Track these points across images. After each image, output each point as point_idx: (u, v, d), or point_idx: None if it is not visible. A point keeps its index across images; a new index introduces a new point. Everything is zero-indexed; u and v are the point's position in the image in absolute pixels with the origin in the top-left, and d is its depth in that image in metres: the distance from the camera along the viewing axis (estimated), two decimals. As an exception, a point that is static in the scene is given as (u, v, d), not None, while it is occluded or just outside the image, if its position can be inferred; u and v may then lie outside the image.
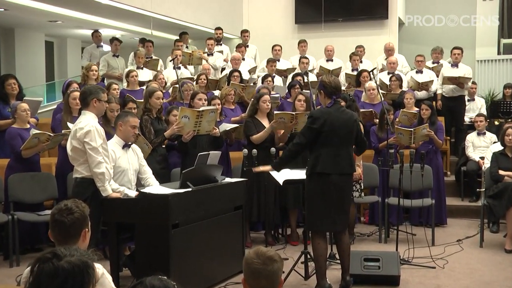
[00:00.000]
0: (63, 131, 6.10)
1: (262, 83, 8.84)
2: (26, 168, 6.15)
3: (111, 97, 6.23)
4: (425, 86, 9.28)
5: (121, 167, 5.04)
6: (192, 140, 6.05)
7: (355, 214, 6.93)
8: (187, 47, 11.06)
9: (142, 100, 6.65)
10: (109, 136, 5.15)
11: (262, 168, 5.04)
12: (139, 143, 5.56)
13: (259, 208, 6.39)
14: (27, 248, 6.20)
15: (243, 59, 10.36)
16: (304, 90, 7.75)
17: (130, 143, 5.17)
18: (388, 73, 9.51)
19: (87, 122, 4.56)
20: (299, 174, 5.23)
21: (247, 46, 11.28)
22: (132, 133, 5.11)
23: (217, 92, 8.66)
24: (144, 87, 8.11)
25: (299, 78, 8.76)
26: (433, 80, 9.37)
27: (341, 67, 10.31)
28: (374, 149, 7.47)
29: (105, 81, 9.51)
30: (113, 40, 10.10)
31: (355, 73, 9.56)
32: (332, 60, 10.68)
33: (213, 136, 6.19)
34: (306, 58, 10.22)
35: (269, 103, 6.52)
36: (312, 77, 9.83)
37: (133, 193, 4.83)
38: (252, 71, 10.28)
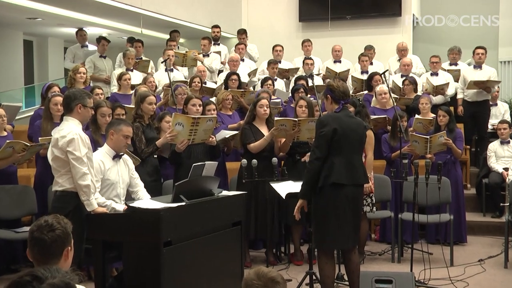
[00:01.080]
0: (40, 139, 6.09)
1: (262, 86, 8.86)
2: (1, 181, 6.14)
3: (102, 100, 6.23)
4: (440, 89, 9.30)
5: (110, 179, 5.05)
6: (187, 150, 6.06)
7: (366, 231, 6.92)
8: (178, 47, 11.08)
9: (132, 106, 6.67)
10: (99, 146, 5.17)
11: (297, 209, 4.90)
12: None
13: (256, 224, 6.38)
14: (3, 268, 6.18)
15: (242, 60, 10.38)
16: (309, 95, 7.76)
17: (121, 153, 5.18)
18: (402, 76, 9.54)
19: (70, 130, 4.56)
20: (295, 186, 5.23)
21: (247, 45, 11.31)
22: (124, 143, 5.13)
23: (213, 99, 8.66)
24: (133, 91, 8.13)
25: (302, 81, 8.78)
26: (448, 83, 9.38)
27: (349, 69, 10.34)
28: (386, 159, 7.47)
29: (91, 84, 9.53)
30: (101, 40, 10.12)
31: (364, 76, 9.58)
32: (340, 62, 10.72)
33: (209, 145, 6.20)
34: (311, 59, 10.25)
35: (267, 108, 6.53)
36: (318, 80, 9.86)
37: (121, 208, 4.83)
38: (252, 73, 10.30)
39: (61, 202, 4.59)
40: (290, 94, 8.49)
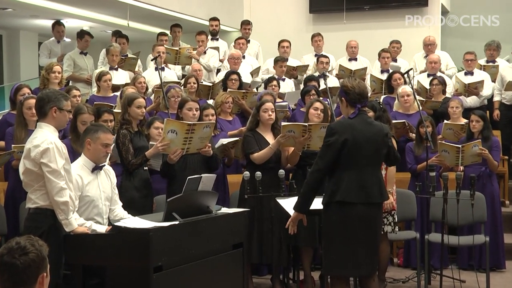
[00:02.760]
0: (13, 146, 6.10)
1: (266, 88, 8.87)
2: (-34, 196, 6.16)
3: (84, 105, 6.23)
4: (473, 89, 9.28)
5: (89, 196, 5.04)
6: (181, 161, 6.06)
7: (388, 254, 6.91)
8: (180, 45, 11.06)
9: (118, 110, 6.67)
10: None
11: (290, 222, 5.07)
12: None
13: (261, 246, 6.36)
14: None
15: (243, 57, 10.41)
16: (321, 99, 7.78)
17: (101, 165, 5.18)
18: (428, 75, 9.55)
19: (44, 138, 4.56)
20: (314, 203, 5.22)
21: (249, 41, 11.34)
22: (103, 153, 5.12)
23: (210, 101, 8.68)
24: (118, 93, 8.14)
25: (314, 83, 8.78)
26: (483, 81, 9.36)
27: (366, 67, 10.36)
28: (410, 172, 7.46)
29: (70, 83, 9.56)
30: (84, 35, 10.14)
31: (385, 75, 9.59)
32: (356, 59, 10.74)
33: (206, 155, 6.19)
34: (326, 56, 10.26)
35: (273, 112, 6.53)
36: (332, 81, 9.86)
37: (102, 229, 4.83)
38: (254, 72, 10.33)
39: (35, 221, 4.57)
40: (300, 97, 8.48)
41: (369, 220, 4.71)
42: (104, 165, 5.24)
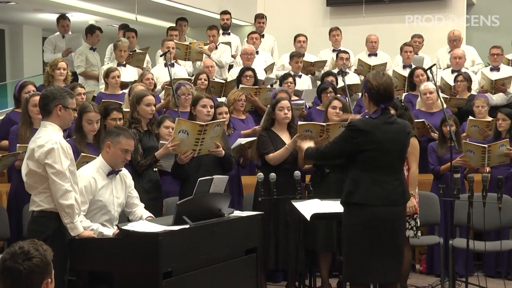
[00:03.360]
0: (18, 146, 6.12)
1: (281, 84, 8.86)
2: (-33, 199, 6.19)
3: (90, 104, 6.24)
4: (500, 85, 9.23)
5: (101, 201, 5.05)
6: (195, 161, 6.07)
7: (410, 260, 6.88)
8: (185, 39, 11.10)
9: (126, 109, 6.66)
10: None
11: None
12: None
13: (276, 251, 6.36)
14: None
15: (257, 52, 10.40)
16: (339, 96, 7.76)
17: (117, 169, 5.20)
18: (453, 71, 9.51)
19: (49, 138, 4.56)
20: (332, 206, 5.22)
21: (263, 35, 11.33)
22: (122, 159, 5.14)
23: (223, 99, 8.68)
24: (126, 91, 8.15)
25: (331, 79, 8.76)
26: (510, 77, 9.30)
27: (386, 63, 10.33)
28: (433, 173, 7.43)
29: (82, 80, 9.59)
30: (94, 30, 10.16)
31: (407, 71, 9.56)
32: (375, 55, 10.71)
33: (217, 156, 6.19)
34: (346, 52, 10.22)
35: (289, 111, 6.52)
36: (352, 78, 9.84)
37: (110, 232, 4.84)
38: (269, 69, 10.32)
39: (39, 224, 4.58)
40: (316, 94, 8.47)
41: (392, 222, 4.70)
42: (121, 170, 5.26)
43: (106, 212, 5.08)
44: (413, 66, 9.53)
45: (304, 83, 9.83)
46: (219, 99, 8.67)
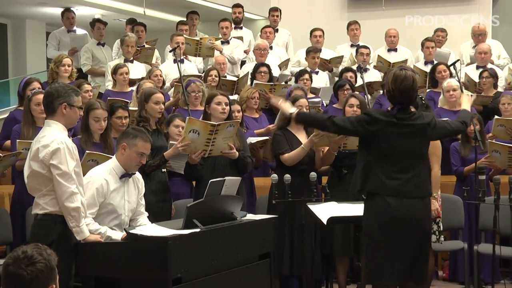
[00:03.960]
0: (18, 141, 6.12)
1: (297, 81, 8.85)
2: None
3: (96, 101, 6.26)
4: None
5: (112, 204, 5.05)
6: (209, 162, 6.09)
7: (432, 266, 6.86)
8: (196, 34, 11.09)
9: (134, 108, 6.68)
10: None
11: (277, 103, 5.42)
12: None
13: (291, 256, 6.36)
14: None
15: (271, 47, 10.38)
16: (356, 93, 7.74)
17: (131, 173, 5.21)
18: (478, 67, 9.47)
19: (54, 137, 4.57)
20: (350, 209, 5.21)
21: (277, 30, 11.32)
22: (137, 162, 5.15)
23: (235, 97, 8.68)
24: (134, 88, 8.17)
25: (349, 75, 8.73)
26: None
27: (406, 59, 10.30)
28: (456, 175, 7.41)
29: (89, 78, 9.62)
30: (95, 23, 10.19)
31: (429, 68, 9.53)
32: (395, 50, 10.68)
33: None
34: (366, 47, 10.19)
35: (307, 110, 6.52)
36: (373, 75, 9.80)
37: (118, 236, 4.86)
38: (283, 65, 10.31)
39: (44, 228, 4.60)
40: (333, 92, 8.45)
41: (407, 216, 4.72)
42: (134, 173, 5.27)
43: (116, 216, 5.09)
44: (435, 62, 9.50)
45: (321, 80, 9.81)
46: (231, 97, 8.67)
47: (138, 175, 5.35)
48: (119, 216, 5.10)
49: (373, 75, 9.85)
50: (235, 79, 9.55)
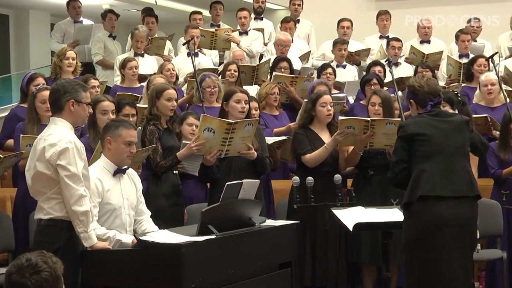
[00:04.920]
0: (21, 136, 6.15)
1: (319, 76, 8.83)
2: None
3: (101, 95, 6.27)
4: None
5: (111, 204, 5.06)
6: (225, 164, 6.09)
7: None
8: (219, 25, 11.06)
9: (142, 105, 6.69)
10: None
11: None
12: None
13: (313, 265, 6.36)
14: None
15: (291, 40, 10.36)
16: (386, 89, 7.72)
17: (124, 167, 5.22)
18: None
19: (61, 136, 4.58)
20: (378, 214, 5.21)
21: (298, 20, 11.31)
22: (126, 153, 5.13)
23: (254, 90, 8.67)
24: (144, 84, 8.19)
25: (377, 69, 8.71)
26: None
27: (442, 51, 10.26)
28: (494, 178, 7.35)
29: (99, 71, 9.65)
30: (108, 14, 10.22)
31: (464, 60, 9.50)
32: (428, 42, 10.64)
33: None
34: (398, 40, 10.13)
35: (332, 107, 6.51)
36: (403, 69, 9.76)
37: (129, 239, 4.87)
38: (304, 58, 10.29)
39: (49, 235, 4.60)
40: (359, 87, 8.43)
41: (461, 220, 4.73)
42: (128, 168, 5.28)
43: (117, 216, 5.08)
44: (471, 56, 9.45)
45: (349, 74, 9.80)
46: (251, 88, 8.64)
47: (132, 171, 5.36)
48: (119, 216, 5.10)
49: (405, 70, 9.82)
50: (254, 65, 9.53)
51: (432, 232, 4.70)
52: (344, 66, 9.74)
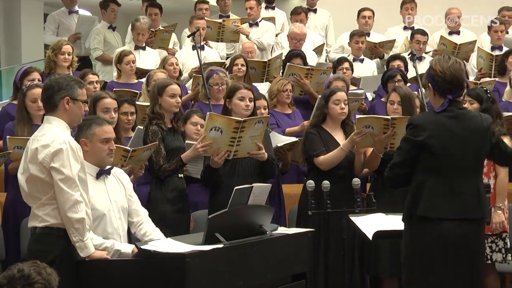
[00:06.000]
0: (8, 138, 6.17)
1: (335, 71, 8.83)
2: None
3: (103, 91, 6.28)
4: None
5: (98, 210, 5.07)
6: (228, 165, 6.09)
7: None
8: (229, 15, 11.07)
9: (143, 102, 6.70)
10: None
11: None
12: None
13: (328, 277, 6.36)
14: None
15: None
16: (409, 85, 7.71)
17: (108, 167, 5.24)
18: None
19: (55, 136, 4.60)
20: (400, 222, 5.21)
21: (315, 10, 11.30)
22: (106, 151, 5.13)
23: (265, 87, 8.67)
24: (144, 80, 8.19)
25: (397, 63, 8.68)
26: None
27: (475, 40, 10.23)
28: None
29: (99, 66, 9.65)
30: (109, 4, 10.23)
31: (496, 53, 9.48)
32: (458, 33, 10.61)
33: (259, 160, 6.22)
34: (424, 33, 10.06)
35: (346, 105, 6.50)
36: (428, 64, 9.73)
37: (129, 248, 4.90)
38: (317, 51, 10.27)
39: (44, 244, 4.61)
40: (380, 83, 8.41)
41: (463, 243, 4.67)
42: (112, 167, 5.29)
43: (107, 222, 5.10)
44: (505, 49, 9.43)
45: (367, 68, 9.80)
46: (261, 85, 8.64)
47: (118, 170, 5.38)
48: (109, 222, 5.10)
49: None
50: (266, 60, 9.48)
51: (432, 250, 4.66)
52: (362, 60, 9.74)
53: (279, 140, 6.87)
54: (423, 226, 4.65)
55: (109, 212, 5.12)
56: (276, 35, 10.82)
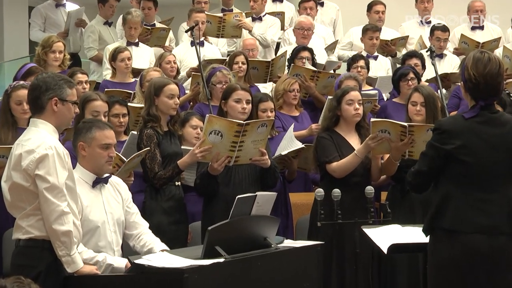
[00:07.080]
0: None
1: (349, 69, 8.83)
2: None
3: (93, 92, 6.29)
4: None
5: (92, 221, 5.08)
6: (224, 173, 6.08)
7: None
8: (230, 10, 11.08)
9: (136, 104, 6.70)
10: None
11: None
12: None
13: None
14: None
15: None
16: (424, 84, 7.70)
17: (105, 176, 5.25)
18: None
19: (41, 141, 4.60)
20: (418, 234, 5.20)
21: (322, 3, 11.30)
22: (105, 158, 5.15)
23: (268, 87, 8.66)
24: (135, 80, 8.21)
25: (414, 62, 8.65)
26: None
27: (500, 37, 10.23)
28: None
29: (93, 66, 9.65)
30: None
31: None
32: (481, 28, 10.60)
33: (259, 167, 6.21)
34: (445, 29, 10.01)
35: (360, 106, 6.49)
36: (449, 63, 9.72)
37: (122, 262, 4.90)
38: (330, 49, 10.29)
39: (28, 257, 4.61)
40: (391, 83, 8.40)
41: (492, 258, 4.66)
42: (110, 176, 5.29)
43: (100, 235, 5.10)
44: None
45: (381, 66, 9.82)
46: (264, 86, 8.62)
47: (116, 178, 5.39)
48: (104, 234, 5.11)
49: (451, 63, 9.76)
50: (269, 59, 9.49)
51: (460, 263, 4.65)
52: (376, 57, 9.74)
53: (283, 147, 6.84)
54: (450, 239, 4.64)
55: (103, 224, 5.13)
56: (284, 30, 10.80)
